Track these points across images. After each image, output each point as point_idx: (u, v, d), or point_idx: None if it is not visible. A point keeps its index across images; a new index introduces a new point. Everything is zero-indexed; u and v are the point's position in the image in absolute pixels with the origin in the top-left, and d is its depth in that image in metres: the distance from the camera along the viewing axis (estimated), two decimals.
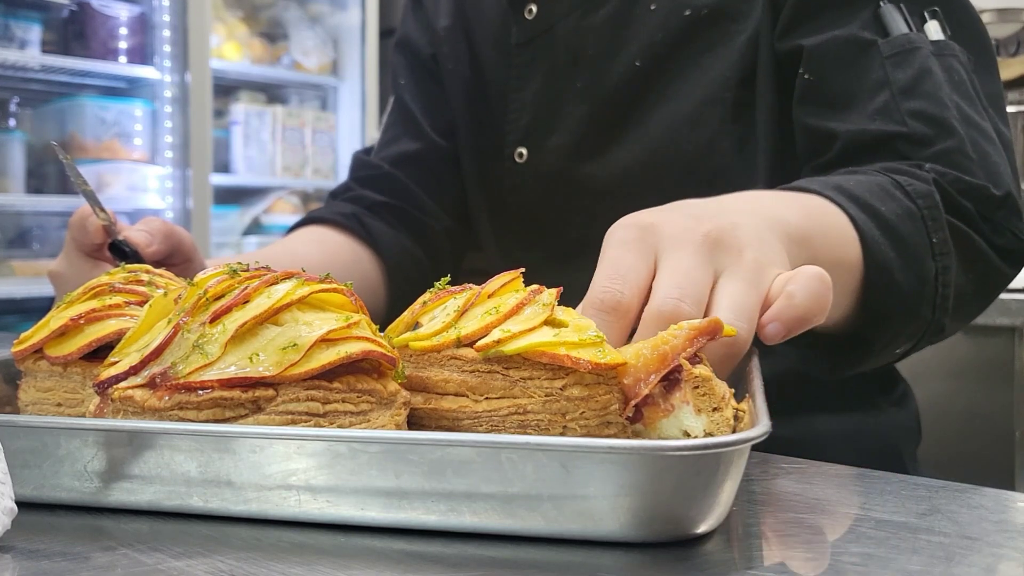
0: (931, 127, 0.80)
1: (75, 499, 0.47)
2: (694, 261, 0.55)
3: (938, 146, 0.80)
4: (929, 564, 0.40)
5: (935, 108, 0.81)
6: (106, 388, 0.49)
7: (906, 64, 0.83)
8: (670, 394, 0.50)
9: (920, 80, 0.82)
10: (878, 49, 0.84)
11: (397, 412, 0.50)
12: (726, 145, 0.92)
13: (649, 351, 0.50)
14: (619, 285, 0.55)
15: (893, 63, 0.83)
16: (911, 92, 0.82)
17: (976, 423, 1.50)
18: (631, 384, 0.49)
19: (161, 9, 3.06)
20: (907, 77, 0.82)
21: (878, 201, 0.73)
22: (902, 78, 0.82)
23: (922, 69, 0.82)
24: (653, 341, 0.51)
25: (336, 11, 3.64)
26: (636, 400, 0.49)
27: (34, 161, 3.02)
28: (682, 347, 0.50)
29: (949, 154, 0.79)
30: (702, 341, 0.51)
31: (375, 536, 0.44)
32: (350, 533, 0.44)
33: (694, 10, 0.92)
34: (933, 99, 0.81)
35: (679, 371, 0.50)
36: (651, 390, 0.49)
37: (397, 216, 1.13)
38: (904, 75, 0.82)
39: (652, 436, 0.50)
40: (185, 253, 0.90)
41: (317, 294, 0.51)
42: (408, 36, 1.18)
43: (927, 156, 0.80)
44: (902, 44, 0.84)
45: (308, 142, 3.55)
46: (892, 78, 0.82)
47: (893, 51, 0.83)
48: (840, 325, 0.73)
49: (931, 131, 0.80)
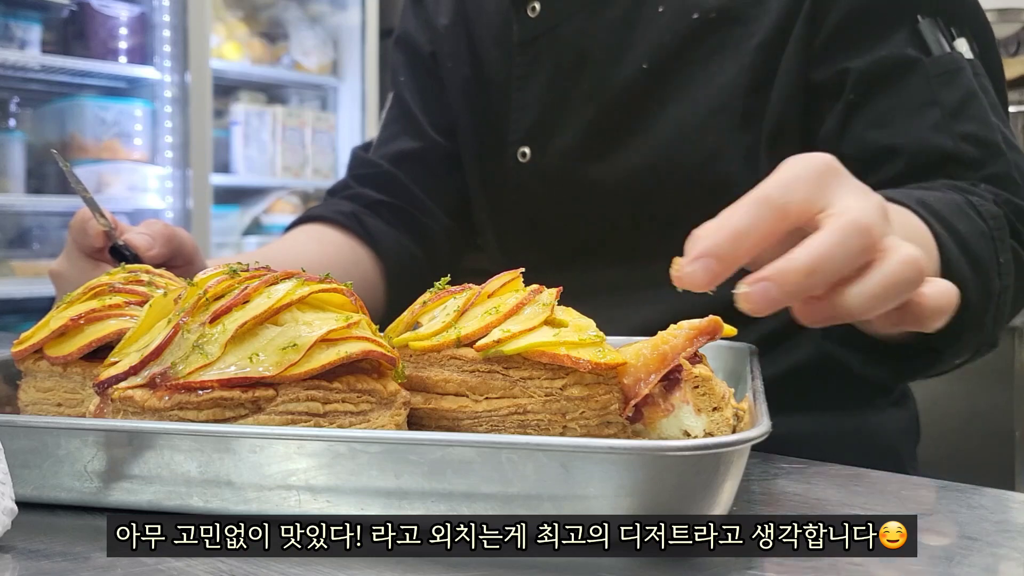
0: (980, 150, 0.82)
1: (75, 499, 0.47)
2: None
3: (988, 170, 0.81)
4: (929, 564, 0.40)
5: (984, 131, 0.82)
6: (106, 388, 0.49)
7: (953, 85, 0.84)
8: (670, 394, 0.50)
9: (968, 102, 0.83)
10: (924, 68, 0.84)
11: (397, 412, 0.50)
12: (732, 154, 0.91)
13: (649, 351, 0.50)
14: (789, 192, 0.51)
15: (940, 83, 0.84)
16: (960, 114, 0.83)
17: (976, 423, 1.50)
18: (631, 384, 0.49)
19: (161, 9, 3.06)
20: (955, 99, 0.83)
21: (956, 219, 0.74)
22: (950, 99, 0.83)
23: (968, 91, 0.83)
24: (653, 341, 0.51)
25: (336, 11, 3.64)
26: (636, 400, 0.49)
27: (34, 161, 3.02)
28: (682, 347, 0.50)
29: (999, 178, 0.81)
30: (702, 340, 0.51)
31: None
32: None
33: (702, 13, 0.91)
34: (982, 122, 0.82)
35: (679, 371, 0.50)
36: (651, 390, 0.49)
37: (396, 215, 1.12)
38: (952, 96, 0.83)
39: (652, 436, 0.50)
40: (186, 256, 0.89)
41: (317, 294, 0.51)
42: (408, 33, 1.18)
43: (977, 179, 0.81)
44: (947, 64, 0.84)
45: (308, 142, 3.55)
46: (941, 98, 0.83)
47: (939, 71, 0.84)
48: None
49: (981, 154, 0.82)
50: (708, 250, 0.49)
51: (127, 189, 3.05)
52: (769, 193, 0.51)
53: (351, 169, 1.18)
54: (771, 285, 0.47)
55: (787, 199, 0.50)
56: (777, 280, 0.47)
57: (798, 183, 0.52)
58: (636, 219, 0.97)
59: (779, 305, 0.48)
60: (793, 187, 0.51)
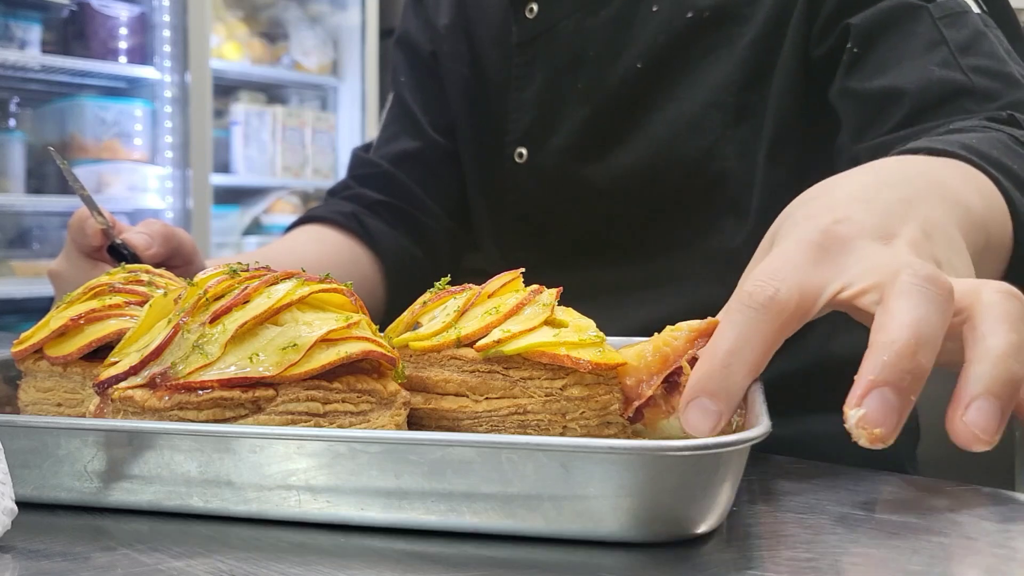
0: (996, 81, 0.77)
1: (75, 499, 0.47)
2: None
3: (1006, 99, 0.76)
4: (929, 564, 0.40)
5: (996, 64, 0.78)
6: (106, 388, 0.49)
7: (959, 25, 0.80)
8: (671, 396, 0.50)
9: (976, 40, 0.80)
10: (928, 11, 0.81)
11: (397, 412, 0.50)
12: (728, 150, 0.91)
13: (651, 353, 0.50)
14: (775, 282, 0.46)
15: (945, 23, 0.80)
16: (969, 50, 0.79)
17: None
18: (633, 385, 0.49)
19: (161, 9, 3.06)
20: (963, 37, 0.80)
21: (1008, 159, 0.66)
22: (958, 37, 0.80)
23: (976, 30, 0.80)
24: (654, 343, 0.51)
25: (336, 11, 3.64)
26: (639, 402, 0.49)
27: (34, 161, 3.02)
28: (683, 349, 0.50)
29: (1020, 105, 0.75)
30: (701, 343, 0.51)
31: (375, 536, 0.44)
32: (350, 533, 0.44)
33: (696, 12, 0.91)
34: (993, 56, 0.79)
35: (679, 373, 0.50)
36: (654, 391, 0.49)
37: (396, 215, 1.13)
38: (959, 35, 0.80)
39: (653, 436, 0.50)
40: (185, 255, 0.89)
41: (317, 294, 0.51)
42: (408, 33, 1.18)
43: (996, 110, 0.75)
44: (952, 7, 0.82)
45: (308, 142, 3.55)
46: (948, 36, 0.80)
47: (944, 13, 0.81)
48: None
49: (997, 85, 0.77)
50: (697, 388, 0.43)
51: (127, 189, 3.05)
52: (752, 290, 0.44)
53: (351, 169, 1.18)
54: (885, 389, 0.40)
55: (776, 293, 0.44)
56: (886, 377, 0.40)
57: (786, 268, 0.45)
58: (633, 218, 0.97)
59: (905, 414, 0.41)
60: (781, 274, 0.45)
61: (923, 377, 0.41)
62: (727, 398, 0.43)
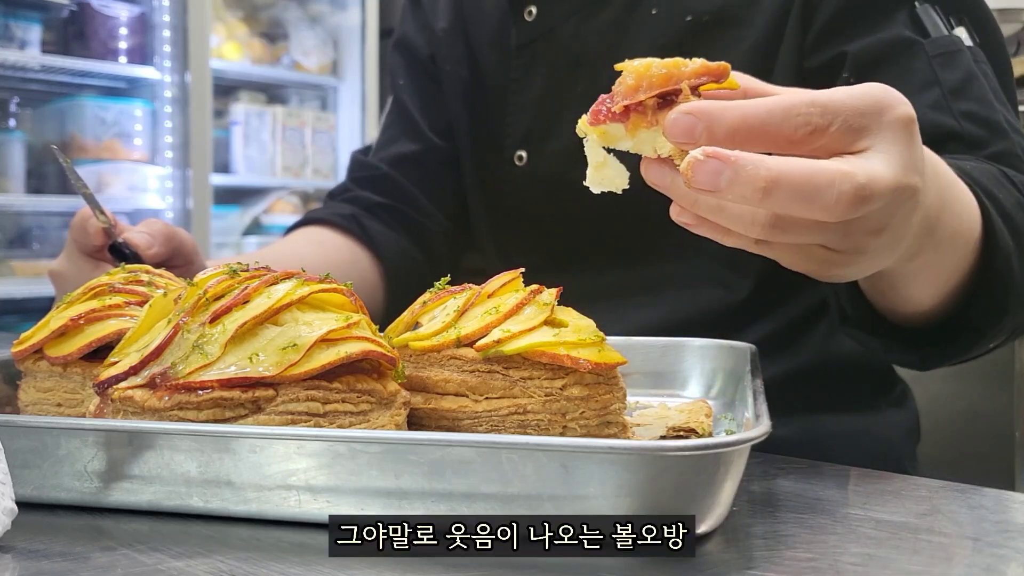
0: (984, 129, 0.80)
1: (75, 499, 0.47)
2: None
3: (992, 148, 0.79)
4: (929, 564, 0.40)
5: (986, 111, 0.80)
6: (106, 388, 0.49)
7: (953, 65, 0.82)
8: (660, 111, 0.50)
9: (969, 83, 0.81)
10: (923, 48, 0.83)
11: (397, 412, 0.50)
12: None
13: (658, 66, 0.50)
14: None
15: (940, 63, 0.82)
16: (961, 94, 0.81)
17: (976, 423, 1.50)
18: (632, 86, 0.50)
19: (161, 9, 3.06)
20: (955, 79, 0.81)
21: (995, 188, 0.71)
22: (951, 79, 0.81)
23: (969, 72, 0.82)
24: (667, 61, 0.51)
25: (336, 11, 3.64)
26: (630, 102, 0.50)
27: (34, 161, 3.02)
28: (689, 75, 0.50)
29: (1003, 156, 0.79)
30: (707, 80, 0.51)
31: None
32: None
33: (695, 15, 0.91)
34: (983, 102, 0.81)
35: (677, 94, 0.50)
36: (646, 100, 0.49)
37: (395, 217, 1.13)
38: (952, 76, 0.81)
39: (628, 140, 0.50)
40: (186, 255, 0.89)
41: (317, 294, 0.51)
42: (406, 36, 1.18)
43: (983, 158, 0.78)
44: (946, 45, 0.83)
45: (308, 142, 3.55)
46: (941, 77, 0.81)
47: (938, 51, 0.82)
48: (943, 307, 0.71)
49: (984, 133, 0.80)
50: (714, 123, 0.46)
51: (127, 189, 3.05)
52: (816, 98, 0.47)
53: (351, 172, 1.18)
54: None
55: (833, 117, 0.47)
56: (736, 159, 0.44)
57: (851, 103, 0.48)
58: (631, 222, 0.97)
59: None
60: (842, 107, 0.47)
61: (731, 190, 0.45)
62: (722, 157, 0.45)
